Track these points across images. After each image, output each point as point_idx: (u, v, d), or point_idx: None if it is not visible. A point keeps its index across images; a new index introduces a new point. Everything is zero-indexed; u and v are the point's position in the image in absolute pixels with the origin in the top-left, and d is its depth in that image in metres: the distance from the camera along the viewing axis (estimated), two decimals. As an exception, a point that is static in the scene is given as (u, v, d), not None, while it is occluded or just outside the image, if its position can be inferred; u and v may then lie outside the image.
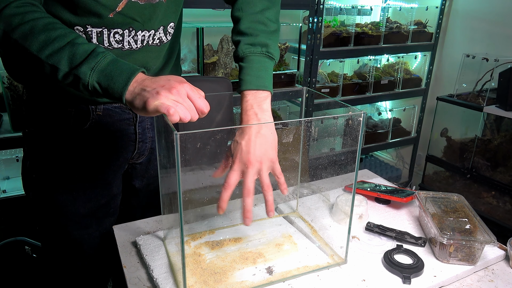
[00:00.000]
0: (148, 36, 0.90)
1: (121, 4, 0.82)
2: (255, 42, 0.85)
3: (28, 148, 0.99)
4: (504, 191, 2.24)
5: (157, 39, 0.93)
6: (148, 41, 0.91)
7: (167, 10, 0.91)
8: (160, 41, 0.94)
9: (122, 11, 0.83)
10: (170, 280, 0.80)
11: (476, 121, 2.39)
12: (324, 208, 1.08)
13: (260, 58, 0.84)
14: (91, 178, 0.99)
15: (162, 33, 0.94)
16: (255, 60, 0.84)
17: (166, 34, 0.95)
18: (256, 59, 0.84)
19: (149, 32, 0.90)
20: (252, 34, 0.85)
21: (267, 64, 0.85)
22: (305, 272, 0.84)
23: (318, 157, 1.03)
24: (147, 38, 0.90)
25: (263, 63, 0.84)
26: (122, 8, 0.82)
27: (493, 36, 2.46)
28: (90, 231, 1.03)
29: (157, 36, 0.93)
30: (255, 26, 0.86)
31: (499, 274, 0.87)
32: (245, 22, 0.86)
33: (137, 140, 1.02)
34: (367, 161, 3.08)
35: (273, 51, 0.86)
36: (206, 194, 0.99)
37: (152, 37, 0.91)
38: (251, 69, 0.83)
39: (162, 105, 0.63)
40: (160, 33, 0.93)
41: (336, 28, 2.38)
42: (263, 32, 0.86)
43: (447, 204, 1.01)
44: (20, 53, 0.70)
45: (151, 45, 0.92)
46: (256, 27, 0.86)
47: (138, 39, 0.89)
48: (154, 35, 0.92)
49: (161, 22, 0.92)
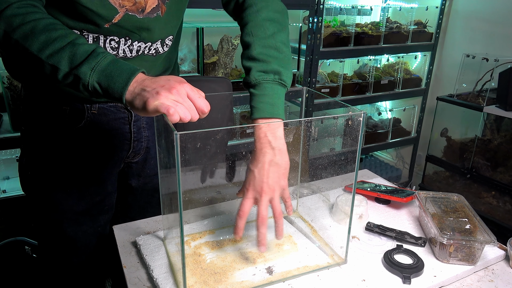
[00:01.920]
0: (144, 47, 0.91)
1: (118, 16, 0.82)
2: (268, 70, 0.82)
3: (24, 145, 1.00)
4: (504, 191, 2.24)
5: (153, 50, 0.93)
6: (143, 51, 0.91)
7: (166, 24, 0.92)
8: (156, 51, 0.94)
9: (118, 23, 0.83)
10: (170, 280, 0.80)
11: (476, 121, 2.39)
12: (324, 208, 1.08)
13: (273, 86, 0.82)
14: (86, 176, 1.00)
15: (159, 45, 0.94)
16: (268, 87, 0.82)
17: (163, 46, 0.95)
18: (269, 87, 0.82)
19: (145, 44, 0.90)
20: (265, 61, 0.83)
21: (280, 91, 0.83)
22: (305, 272, 0.84)
23: (318, 157, 1.03)
24: (143, 49, 0.91)
25: (276, 90, 0.82)
26: (118, 20, 0.83)
27: (493, 36, 2.46)
28: (84, 228, 1.03)
29: (154, 47, 0.93)
30: (268, 52, 0.83)
31: (499, 274, 0.87)
32: (256, 48, 0.83)
33: (132, 139, 1.02)
34: (367, 161, 3.08)
35: (286, 79, 0.84)
36: (206, 194, 0.99)
37: (148, 48, 0.92)
38: (264, 96, 0.81)
39: (162, 105, 0.63)
40: (157, 44, 0.93)
41: (336, 28, 2.38)
42: (276, 58, 0.84)
43: (447, 204, 1.01)
44: (21, 53, 0.70)
45: (147, 54, 0.93)
46: (269, 52, 0.83)
47: (134, 49, 0.89)
48: (150, 46, 0.92)
49: (160, 35, 0.92)
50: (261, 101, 0.81)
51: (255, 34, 0.85)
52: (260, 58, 0.83)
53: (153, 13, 0.87)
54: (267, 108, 0.80)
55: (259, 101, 0.81)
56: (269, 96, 0.81)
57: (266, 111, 0.80)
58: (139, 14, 0.85)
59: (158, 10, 0.87)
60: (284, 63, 0.84)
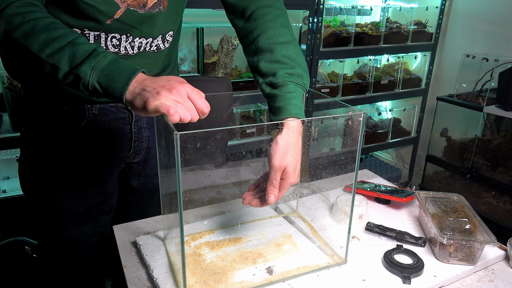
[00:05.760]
0: (145, 43, 0.91)
1: (119, 12, 0.82)
2: (293, 72, 0.84)
3: (25, 146, 1.00)
4: (504, 191, 2.24)
5: (155, 46, 0.93)
6: (145, 48, 0.92)
7: (167, 19, 0.92)
8: (157, 48, 0.94)
9: (120, 19, 0.83)
10: (170, 280, 0.80)
11: (476, 121, 2.39)
12: (324, 208, 1.08)
13: (297, 88, 0.84)
14: (86, 177, 0.99)
15: (160, 41, 0.94)
16: (293, 88, 0.84)
17: (164, 42, 0.95)
18: (294, 88, 0.84)
19: (146, 40, 0.90)
20: (289, 64, 0.85)
21: (301, 95, 0.85)
22: (305, 272, 0.84)
23: (318, 157, 1.03)
24: (144, 45, 0.91)
25: (299, 93, 0.84)
26: (120, 15, 0.83)
27: (493, 36, 2.46)
28: (85, 229, 1.03)
29: (155, 43, 0.93)
30: (291, 56, 0.86)
31: (499, 274, 0.87)
32: (281, 51, 0.85)
33: (133, 139, 1.02)
34: (367, 161, 3.08)
35: (307, 83, 0.87)
36: (206, 194, 0.99)
37: (149, 44, 0.92)
38: (291, 98, 0.83)
39: (162, 105, 0.63)
40: (158, 40, 0.93)
41: (336, 28, 2.38)
42: (297, 63, 0.86)
43: (447, 204, 1.01)
44: (21, 52, 0.70)
45: (148, 51, 0.93)
46: (292, 57, 0.86)
47: (135, 45, 0.89)
48: (152, 42, 0.92)
49: (160, 30, 0.92)
50: (289, 102, 0.82)
51: (276, 40, 0.87)
52: (285, 61, 0.85)
53: (155, 8, 0.87)
54: (295, 110, 0.82)
55: (287, 102, 0.82)
56: (295, 98, 0.83)
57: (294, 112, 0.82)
58: (141, 9, 0.85)
59: (160, 5, 0.87)
60: (304, 69, 0.87)
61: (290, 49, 0.87)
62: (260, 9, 0.90)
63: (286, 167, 0.79)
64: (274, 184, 0.79)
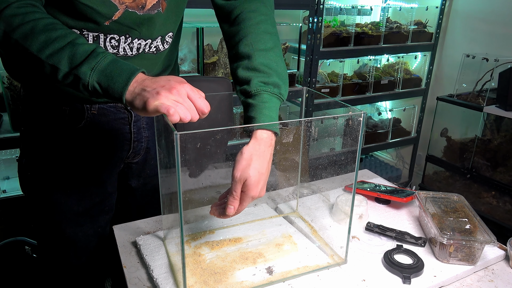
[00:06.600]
0: (144, 45, 0.90)
1: (118, 13, 0.82)
2: (269, 81, 0.81)
3: (24, 146, 1.00)
4: (504, 191, 2.24)
5: (154, 48, 0.93)
6: (144, 49, 0.91)
7: (166, 20, 0.91)
8: (156, 49, 0.94)
9: (118, 20, 0.83)
10: (170, 280, 0.80)
11: (476, 121, 2.39)
12: (324, 208, 1.08)
13: (272, 98, 0.81)
14: (85, 177, 0.99)
15: (160, 42, 0.93)
16: (267, 98, 0.80)
17: (163, 43, 0.95)
18: (269, 98, 0.80)
19: (145, 41, 0.90)
20: (266, 72, 0.81)
21: (277, 105, 0.82)
22: (305, 272, 0.84)
23: (318, 157, 1.03)
24: (143, 46, 0.91)
25: (274, 103, 0.81)
26: (118, 17, 0.83)
27: (493, 36, 2.46)
28: (84, 229, 1.03)
29: (154, 45, 0.93)
30: (268, 64, 0.82)
31: (499, 274, 0.87)
32: (257, 59, 0.82)
33: (132, 140, 1.02)
34: (367, 161, 3.08)
35: (284, 93, 0.83)
36: (206, 194, 0.99)
37: (148, 45, 0.91)
38: (264, 109, 0.79)
39: (162, 105, 0.63)
40: (157, 42, 0.93)
41: (336, 28, 2.38)
42: (275, 71, 0.82)
43: (447, 204, 1.01)
44: (21, 53, 0.70)
45: (147, 52, 0.92)
46: (269, 65, 0.82)
47: (134, 47, 0.89)
48: (151, 43, 0.92)
49: (159, 32, 0.92)
50: (262, 113, 0.79)
51: (256, 46, 0.83)
52: (261, 69, 0.82)
53: (154, 10, 0.87)
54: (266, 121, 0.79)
55: (259, 113, 0.79)
56: (268, 109, 0.80)
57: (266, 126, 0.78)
58: (139, 11, 0.84)
59: (159, 7, 0.87)
60: (283, 78, 0.84)
61: (270, 56, 0.83)
62: (243, 13, 0.88)
63: (247, 179, 0.75)
64: (234, 195, 0.77)
